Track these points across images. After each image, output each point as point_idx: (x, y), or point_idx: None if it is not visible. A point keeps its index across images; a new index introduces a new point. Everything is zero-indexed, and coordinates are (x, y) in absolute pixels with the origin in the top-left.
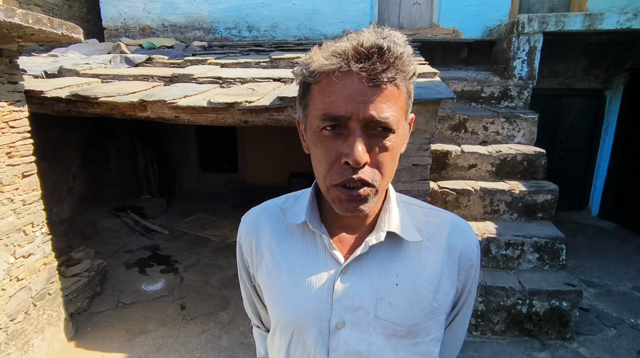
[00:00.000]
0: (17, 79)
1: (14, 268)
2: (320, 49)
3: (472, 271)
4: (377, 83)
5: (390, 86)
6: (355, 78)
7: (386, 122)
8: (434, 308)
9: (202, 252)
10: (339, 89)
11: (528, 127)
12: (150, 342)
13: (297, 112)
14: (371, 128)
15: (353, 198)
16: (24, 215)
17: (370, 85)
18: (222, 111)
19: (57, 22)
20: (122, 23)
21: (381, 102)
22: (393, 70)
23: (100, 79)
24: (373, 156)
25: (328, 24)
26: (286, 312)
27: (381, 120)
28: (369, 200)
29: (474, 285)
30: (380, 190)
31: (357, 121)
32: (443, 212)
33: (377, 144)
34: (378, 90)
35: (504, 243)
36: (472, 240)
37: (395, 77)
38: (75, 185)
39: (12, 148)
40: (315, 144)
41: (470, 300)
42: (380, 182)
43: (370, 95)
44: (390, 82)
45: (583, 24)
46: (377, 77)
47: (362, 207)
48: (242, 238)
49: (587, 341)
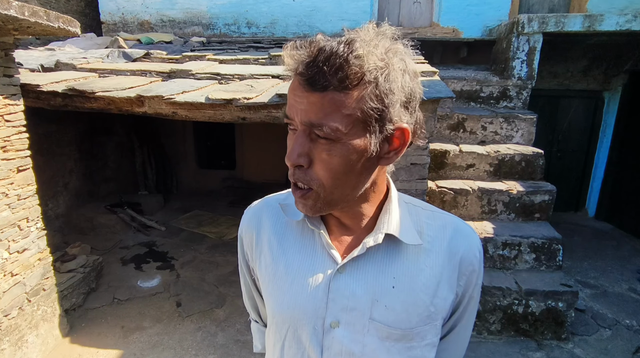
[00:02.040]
0: (13, 72)
1: (8, 264)
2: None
3: (474, 277)
4: (317, 88)
5: (332, 93)
6: (302, 81)
7: (321, 130)
8: (430, 312)
9: (198, 248)
10: (292, 89)
11: (526, 127)
12: (146, 339)
13: None
14: (314, 133)
15: (298, 198)
16: (18, 210)
17: (309, 91)
18: (220, 107)
19: (53, 15)
20: (120, 17)
21: (320, 109)
22: (334, 75)
23: (98, 74)
24: (315, 161)
25: (327, 22)
26: (282, 308)
27: (316, 128)
28: (313, 204)
29: (476, 291)
30: (325, 196)
31: (301, 124)
32: (446, 215)
33: (318, 149)
34: (320, 96)
35: (501, 243)
36: (475, 245)
37: (331, 84)
38: (72, 181)
39: (7, 142)
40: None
41: (473, 307)
42: (325, 187)
43: (311, 102)
44: (326, 88)
45: (583, 25)
46: (315, 83)
47: (302, 209)
48: (243, 231)
49: (582, 342)
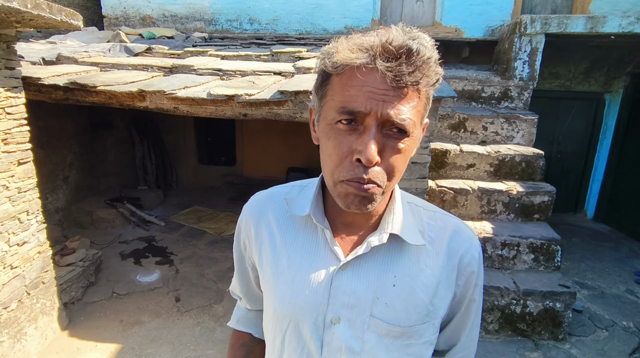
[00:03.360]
0: (15, 64)
1: (7, 256)
2: (346, 40)
3: (473, 278)
4: (401, 85)
5: (412, 89)
6: (379, 76)
7: (403, 124)
8: (429, 311)
9: (198, 244)
10: (361, 84)
11: (527, 128)
12: (144, 333)
13: (312, 101)
14: (387, 128)
15: (361, 194)
16: (19, 203)
17: (393, 85)
18: (221, 103)
19: (56, 8)
20: (122, 12)
21: (401, 104)
22: (418, 74)
23: (99, 68)
24: (385, 157)
25: (330, 19)
26: (283, 302)
27: (398, 121)
28: (375, 199)
29: (477, 293)
30: (386, 191)
31: (375, 119)
32: (448, 216)
33: (390, 145)
34: (400, 91)
35: (500, 243)
36: (474, 246)
37: (419, 82)
38: (72, 174)
39: (8, 134)
40: (327, 136)
41: (476, 309)
42: (388, 184)
43: (392, 96)
44: (414, 85)
45: (585, 27)
46: (401, 79)
47: (368, 206)
48: (243, 221)
49: (579, 342)
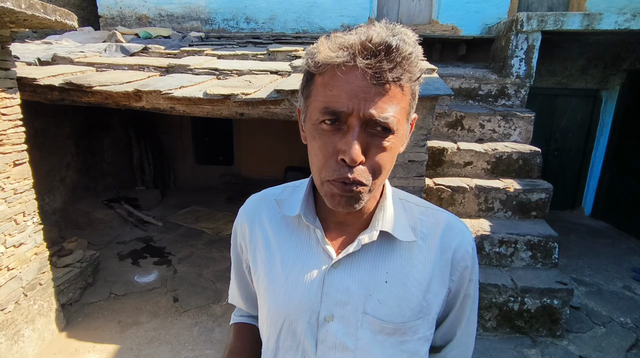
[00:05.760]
0: (10, 65)
1: (4, 258)
2: (327, 40)
3: (467, 272)
4: (382, 82)
5: (394, 86)
6: (360, 74)
7: (386, 122)
8: (423, 307)
9: (195, 244)
10: (342, 83)
11: (524, 125)
12: (143, 334)
13: (299, 101)
14: (370, 127)
15: (346, 194)
16: (15, 204)
17: (374, 83)
18: (218, 103)
19: (50, 8)
20: (118, 11)
21: (383, 101)
22: (399, 70)
23: (95, 68)
24: (370, 155)
25: (327, 18)
26: (277, 302)
27: (381, 120)
28: (362, 198)
29: (472, 288)
30: (373, 189)
31: (357, 118)
32: (440, 212)
33: (375, 143)
34: (382, 89)
35: (497, 240)
36: (467, 241)
37: (401, 78)
38: (69, 175)
39: (3, 136)
40: (313, 137)
41: (471, 306)
42: (374, 182)
43: (373, 94)
44: (395, 82)
45: (581, 24)
46: (382, 76)
47: (355, 205)
48: (239, 224)
49: (577, 339)
